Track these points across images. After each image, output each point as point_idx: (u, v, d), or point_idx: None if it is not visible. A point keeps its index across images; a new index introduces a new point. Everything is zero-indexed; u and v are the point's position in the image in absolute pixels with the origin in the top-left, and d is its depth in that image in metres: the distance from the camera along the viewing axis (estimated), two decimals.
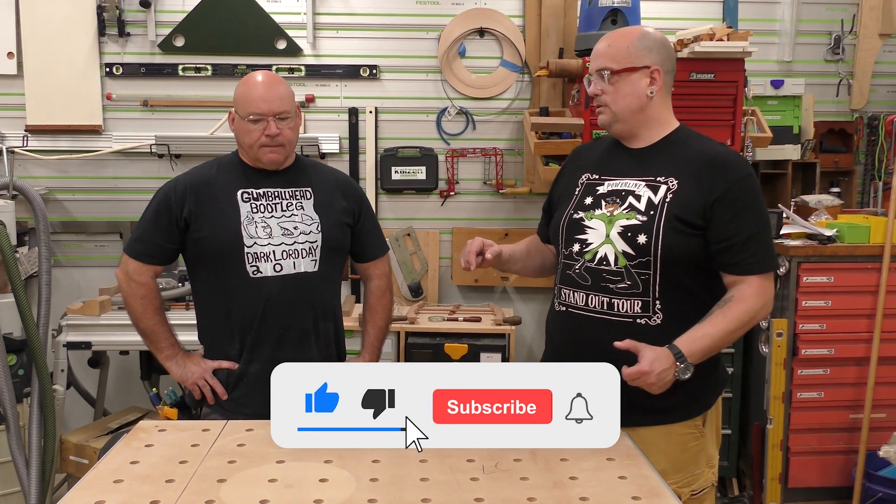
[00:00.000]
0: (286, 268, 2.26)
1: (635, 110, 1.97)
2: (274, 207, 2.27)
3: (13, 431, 3.00)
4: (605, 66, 1.97)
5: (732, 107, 3.44)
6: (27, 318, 3.00)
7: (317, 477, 1.58)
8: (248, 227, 2.23)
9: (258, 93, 2.22)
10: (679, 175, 1.92)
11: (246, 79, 2.29)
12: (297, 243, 2.27)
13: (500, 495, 1.50)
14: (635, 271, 1.90)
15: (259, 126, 2.20)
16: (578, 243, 1.99)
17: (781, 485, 3.44)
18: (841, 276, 3.37)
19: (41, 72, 3.93)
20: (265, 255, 2.23)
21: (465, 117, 4.10)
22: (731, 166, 1.92)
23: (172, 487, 1.54)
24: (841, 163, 4.15)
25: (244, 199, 2.26)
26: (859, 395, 3.42)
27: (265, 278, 2.24)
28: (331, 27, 4.04)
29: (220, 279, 2.26)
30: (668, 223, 1.88)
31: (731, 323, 1.86)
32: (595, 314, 1.95)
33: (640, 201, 1.93)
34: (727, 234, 1.88)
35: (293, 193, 2.32)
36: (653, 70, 1.95)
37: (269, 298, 2.24)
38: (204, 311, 2.36)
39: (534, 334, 4.18)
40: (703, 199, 1.88)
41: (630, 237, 1.90)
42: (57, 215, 4.02)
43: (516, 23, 4.04)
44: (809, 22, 4.15)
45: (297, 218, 2.29)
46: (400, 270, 4.08)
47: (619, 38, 1.99)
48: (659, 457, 1.88)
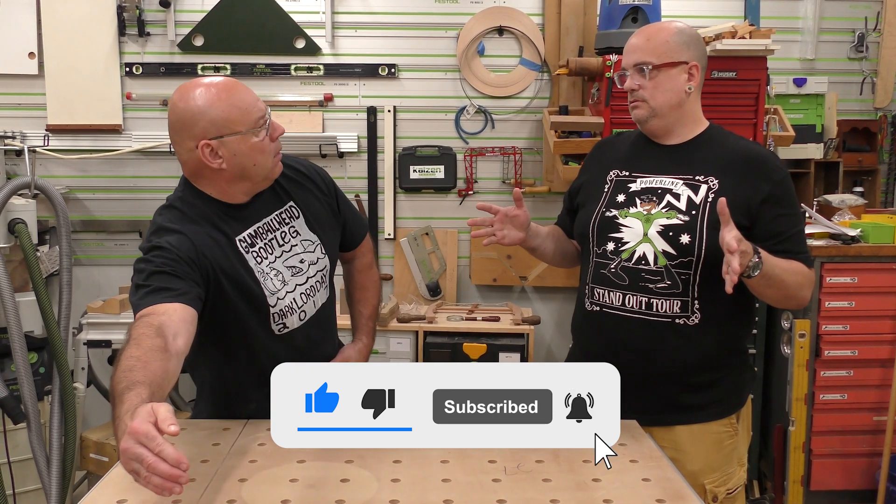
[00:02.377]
0: (308, 312, 1.96)
1: (674, 106, 1.96)
2: (271, 246, 1.89)
3: (34, 429, 3.01)
4: (644, 60, 1.95)
5: (754, 105, 3.41)
6: (48, 317, 3.02)
7: (338, 477, 1.58)
8: (265, 283, 1.85)
9: (245, 96, 1.78)
10: (719, 174, 1.91)
11: (204, 93, 1.73)
12: (309, 279, 1.95)
13: (523, 496, 1.49)
14: (675, 271, 1.89)
15: (265, 131, 1.80)
16: (613, 242, 1.96)
17: (803, 487, 3.40)
18: (865, 276, 3.34)
19: (62, 72, 3.96)
20: (289, 308, 1.90)
21: (483, 116, 4.09)
22: (772, 165, 1.93)
23: (193, 486, 1.53)
24: (864, 162, 4.10)
25: (244, 249, 1.85)
26: (883, 396, 3.38)
27: (292, 332, 1.93)
28: (349, 26, 4.04)
29: (239, 343, 1.91)
30: (711, 223, 1.86)
31: (792, 270, 1.84)
32: (632, 314, 1.93)
33: (679, 200, 1.91)
34: (775, 232, 1.88)
35: (280, 219, 1.94)
36: (691, 66, 1.95)
37: (296, 349, 1.92)
38: (208, 370, 2.01)
39: (553, 334, 4.16)
40: (748, 200, 1.87)
41: (672, 237, 1.88)
42: (77, 214, 4.04)
43: (535, 21, 4.02)
44: (832, 19, 4.10)
45: (299, 248, 1.95)
46: (418, 269, 4.07)
47: (658, 32, 1.97)
48: (696, 456, 1.87)
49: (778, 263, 1.80)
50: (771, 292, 1.86)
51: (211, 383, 2.04)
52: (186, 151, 1.77)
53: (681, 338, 1.89)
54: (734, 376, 1.94)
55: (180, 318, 1.61)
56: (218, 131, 1.74)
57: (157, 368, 1.45)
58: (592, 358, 2.04)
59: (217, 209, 1.84)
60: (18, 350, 2.93)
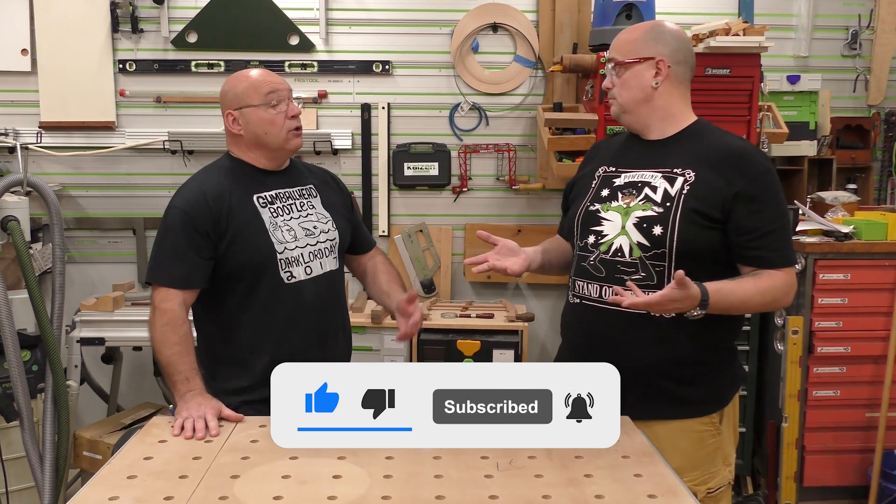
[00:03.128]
0: (315, 269, 2.20)
1: (640, 101, 1.97)
2: (290, 208, 2.20)
3: (27, 427, 3.01)
4: (611, 58, 2.00)
5: (748, 102, 3.41)
6: (41, 314, 3.02)
7: (330, 473, 1.58)
8: (274, 232, 2.13)
9: (265, 76, 2.17)
10: (696, 167, 1.91)
11: (237, 75, 2.21)
12: (319, 243, 2.22)
13: (515, 493, 1.49)
14: (650, 263, 1.89)
15: (280, 109, 2.14)
16: (594, 235, 1.98)
17: (797, 483, 3.42)
18: (857, 273, 3.34)
19: (55, 68, 3.94)
20: (295, 259, 2.16)
21: (478, 113, 4.09)
22: (751, 160, 1.91)
23: (186, 483, 1.53)
24: (858, 159, 4.12)
25: (262, 205, 2.16)
26: (876, 393, 3.40)
27: (300, 283, 2.16)
28: (343, 23, 4.03)
29: (254, 291, 2.14)
30: (684, 215, 1.87)
31: (757, 292, 1.84)
32: (609, 306, 1.94)
33: (656, 192, 1.92)
34: (748, 228, 1.87)
35: (301, 192, 2.26)
36: (658, 61, 1.95)
37: (305, 302, 2.17)
38: (226, 328, 2.19)
39: (547, 331, 4.16)
40: (722, 193, 1.87)
41: (645, 228, 1.89)
42: (71, 211, 4.04)
43: (530, 18, 4.02)
44: (826, 17, 4.11)
45: (314, 217, 2.24)
46: (412, 266, 4.07)
47: (630, 31, 2.02)
48: (675, 454, 1.86)
49: (735, 294, 1.82)
50: (736, 313, 1.91)
51: (224, 340, 2.21)
52: (225, 121, 2.20)
53: (656, 331, 1.89)
54: (715, 374, 1.93)
55: (192, 295, 2.11)
56: (238, 103, 2.15)
57: (192, 348, 2.06)
58: (575, 350, 2.07)
59: (249, 170, 2.20)
60: (11, 348, 2.92)
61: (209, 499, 1.47)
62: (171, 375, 2.01)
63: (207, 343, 2.23)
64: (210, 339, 2.23)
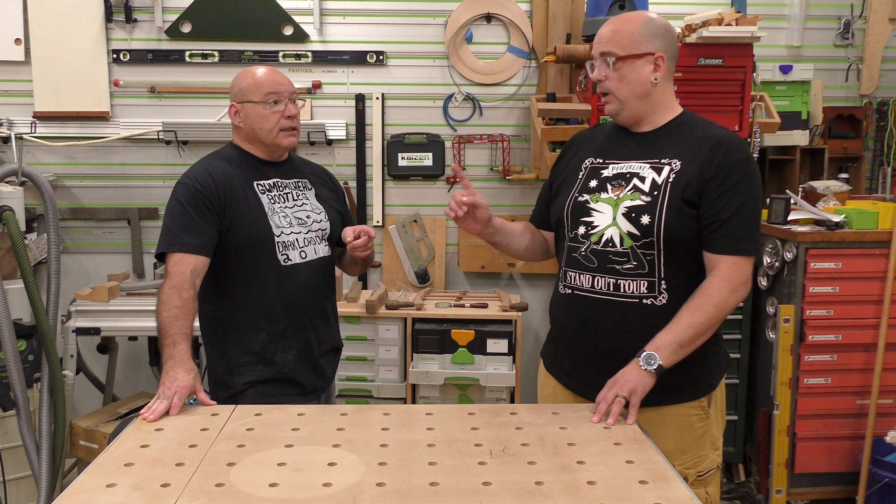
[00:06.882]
0: (309, 254, 2.33)
1: (640, 96, 1.97)
2: (286, 198, 2.33)
3: (24, 416, 3.02)
4: (609, 51, 1.96)
5: (740, 92, 3.42)
6: (36, 304, 3.02)
7: (325, 461, 1.59)
8: (272, 217, 2.26)
9: (269, 76, 2.28)
10: (682, 156, 1.93)
11: (246, 71, 2.32)
12: (310, 231, 2.34)
13: (508, 479, 1.51)
14: (641, 252, 1.91)
15: (278, 108, 2.26)
16: (584, 226, 1.99)
17: (788, 470, 3.45)
18: (849, 262, 3.37)
19: (49, 58, 3.94)
20: (291, 243, 2.29)
21: (471, 103, 4.09)
22: (728, 148, 1.91)
23: (182, 470, 1.55)
24: (850, 148, 4.14)
25: (261, 191, 2.29)
26: (866, 381, 3.42)
27: (296, 265, 2.29)
28: (337, 13, 4.03)
29: (251, 271, 2.25)
30: (671, 203, 1.89)
31: (699, 319, 1.85)
32: (601, 296, 1.96)
33: (644, 182, 1.94)
34: (710, 213, 1.89)
35: (296, 184, 2.40)
36: (657, 57, 1.95)
37: (300, 284, 2.30)
38: (224, 307, 2.29)
39: (540, 320, 4.19)
40: (699, 179, 1.89)
41: (634, 217, 1.91)
42: (65, 202, 4.04)
43: (523, 8, 4.03)
44: (818, 6, 4.12)
45: (308, 207, 2.37)
46: (407, 257, 4.09)
47: (624, 23, 1.98)
48: (665, 438, 1.89)
49: (677, 336, 1.84)
50: (699, 343, 1.91)
51: (226, 320, 2.30)
52: (229, 112, 2.33)
53: (648, 318, 1.91)
54: (704, 359, 1.95)
55: (203, 265, 2.15)
56: (241, 97, 2.29)
57: (191, 317, 2.07)
58: (565, 340, 2.09)
59: (250, 159, 2.33)
60: (7, 337, 2.93)
61: (206, 486, 1.48)
62: (162, 339, 2.03)
63: (208, 322, 2.34)
64: (210, 317, 2.33)
